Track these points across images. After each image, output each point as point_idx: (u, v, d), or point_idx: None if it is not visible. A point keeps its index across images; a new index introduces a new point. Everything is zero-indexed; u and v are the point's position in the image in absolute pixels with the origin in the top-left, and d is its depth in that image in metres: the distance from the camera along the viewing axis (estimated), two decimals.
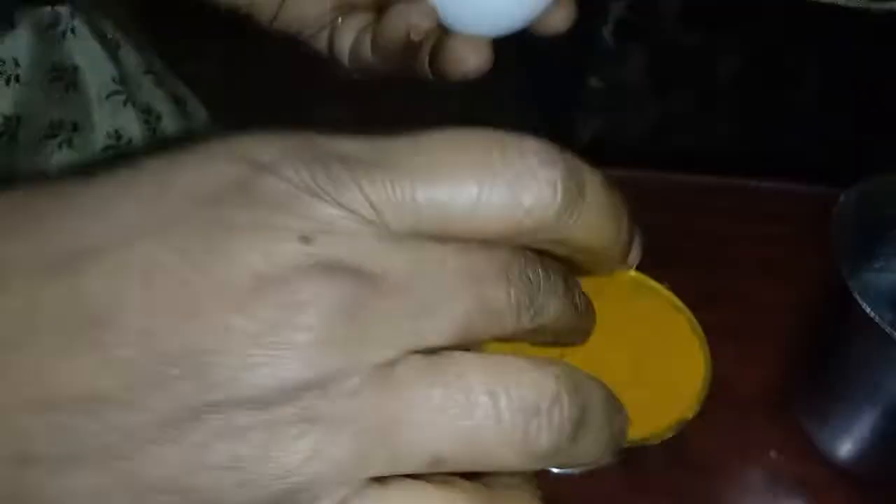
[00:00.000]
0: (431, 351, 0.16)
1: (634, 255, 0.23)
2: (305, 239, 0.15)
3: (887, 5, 1.07)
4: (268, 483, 0.14)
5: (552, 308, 0.19)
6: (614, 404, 0.19)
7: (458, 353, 0.16)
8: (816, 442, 0.34)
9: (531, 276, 0.17)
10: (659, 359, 0.32)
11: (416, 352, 0.15)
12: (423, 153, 0.16)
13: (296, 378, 0.15)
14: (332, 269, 0.15)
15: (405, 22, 0.26)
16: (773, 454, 0.34)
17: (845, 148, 1.23)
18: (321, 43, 0.28)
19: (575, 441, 0.16)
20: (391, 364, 0.15)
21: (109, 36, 0.47)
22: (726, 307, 0.41)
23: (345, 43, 0.27)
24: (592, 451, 0.17)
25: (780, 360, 0.38)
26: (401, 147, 0.17)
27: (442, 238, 0.16)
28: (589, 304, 0.22)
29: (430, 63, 0.28)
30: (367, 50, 0.27)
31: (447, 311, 0.16)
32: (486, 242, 0.17)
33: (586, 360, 0.32)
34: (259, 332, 0.15)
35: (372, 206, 0.16)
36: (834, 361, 0.32)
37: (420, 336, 0.15)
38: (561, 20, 0.28)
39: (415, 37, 0.26)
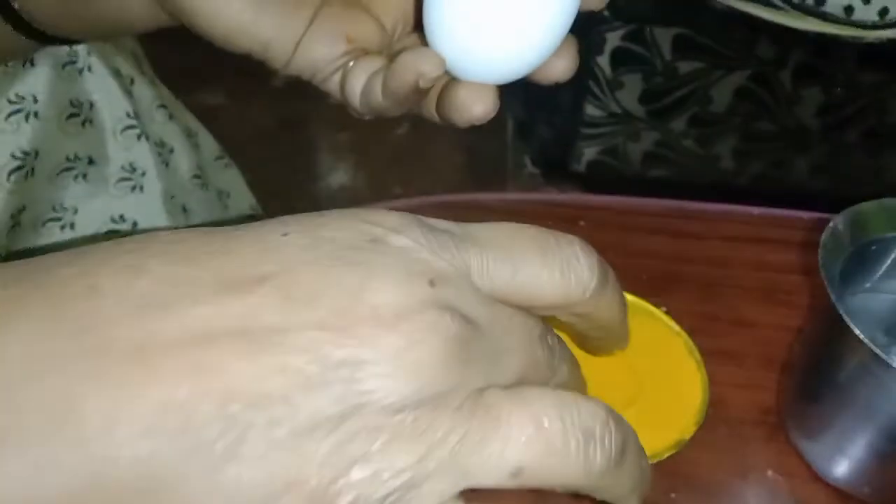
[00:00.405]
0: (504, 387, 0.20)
1: (625, 342, 0.29)
2: (432, 282, 0.19)
3: (883, 33, 1.09)
4: (387, 478, 0.17)
5: (565, 371, 0.24)
6: (642, 447, 0.22)
7: (527, 387, 0.20)
8: (813, 463, 0.35)
9: (552, 341, 0.23)
10: (657, 381, 0.33)
11: (497, 385, 0.19)
12: (501, 235, 0.22)
13: (416, 391, 0.18)
14: (449, 308, 0.19)
15: (414, 70, 0.27)
16: (770, 474, 0.35)
17: (845, 175, 1.25)
18: (333, 86, 0.29)
19: (620, 465, 0.20)
20: (482, 391, 0.19)
21: (124, 72, 0.48)
22: (724, 331, 0.42)
23: (356, 87, 0.29)
24: (631, 478, 0.21)
25: (778, 382, 0.39)
26: (481, 230, 0.22)
27: (506, 302, 0.21)
28: (582, 376, 0.27)
29: (437, 108, 0.29)
30: (377, 94, 0.28)
31: (514, 358, 0.21)
32: (527, 310, 0.22)
33: (591, 382, 0.33)
34: (394, 350, 0.18)
35: (466, 268, 0.20)
36: (828, 384, 0.33)
37: (499, 373, 0.20)
38: (561, 70, 0.29)
39: (423, 84, 0.27)
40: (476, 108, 0.28)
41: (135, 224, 0.47)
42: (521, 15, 0.26)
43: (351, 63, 0.29)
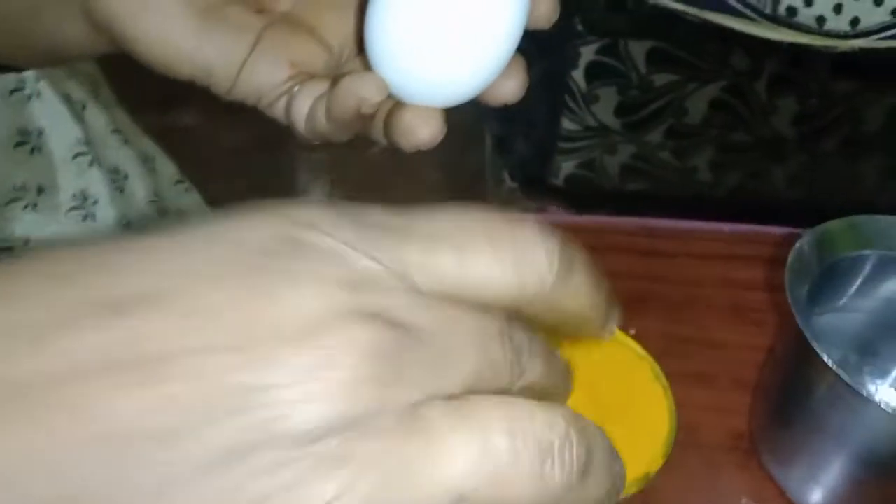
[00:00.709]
0: (449, 398, 0.17)
1: (612, 325, 0.25)
2: (349, 288, 0.16)
3: (855, 42, 1.10)
4: None
5: (537, 368, 0.20)
6: (613, 450, 0.20)
7: (474, 397, 0.17)
8: (788, 489, 0.34)
9: (519, 339, 0.19)
10: (623, 409, 0.32)
11: (437, 397, 0.17)
12: (444, 225, 0.19)
13: (338, 415, 0.15)
14: (373, 316, 0.16)
15: (355, 95, 0.26)
16: (744, 501, 0.34)
17: (821, 187, 1.25)
18: (278, 111, 0.28)
19: (584, 480, 0.18)
20: (417, 407, 0.16)
21: (75, 97, 0.47)
22: (696, 353, 0.41)
23: (301, 111, 0.27)
24: (598, 491, 0.19)
25: (750, 405, 0.38)
26: (423, 219, 0.19)
27: (455, 298, 0.18)
28: (567, 367, 0.24)
29: (384, 132, 0.28)
30: (322, 119, 0.27)
31: (462, 364, 0.18)
32: (486, 306, 0.19)
33: None
34: (306, 370, 0.16)
35: (403, 265, 0.18)
36: (799, 409, 0.32)
37: (441, 383, 0.17)
38: (510, 91, 0.28)
39: (365, 110, 0.26)
40: (421, 132, 0.26)
41: None
42: (464, 37, 0.25)
43: (296, 88, 0.28)
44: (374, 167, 1.52)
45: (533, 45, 1.07)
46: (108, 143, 0.48)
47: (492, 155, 1.39)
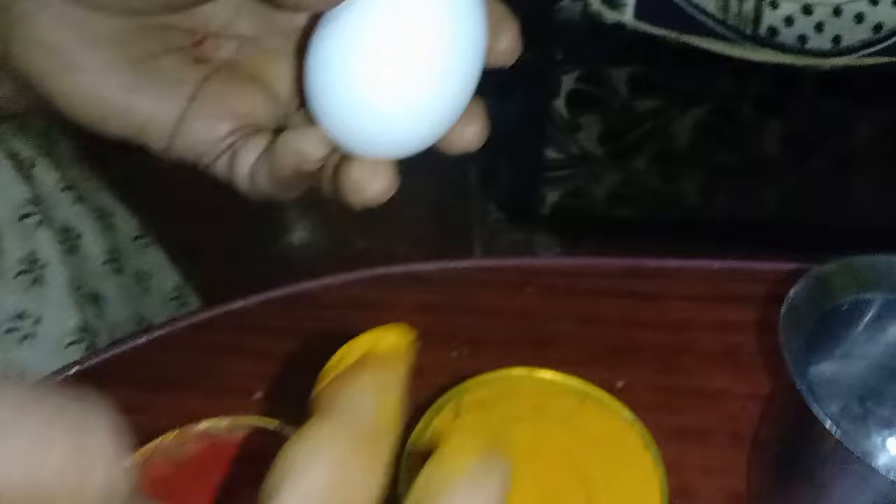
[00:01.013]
0: None
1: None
2: None
3: (839, 60, 1.08)
4: None
5: None
6: None
7: None
8: None
9: None
10: (612, 484, 0.29)
11: None
12: None
13: None
14: None
15: (295, 151, 0.23)
16: None
17: (813, 206, 1.23)
18: (221, 169, 0.25)
19: None
20: None
21: (24, 155, 0.44)
22: (688, 406, 0.38)
23: (243, 169, 0.25)
24: None
25: (747, 463, 0.35)
26: None
27: None
28: None
29: (332, 187, 0.25)
30: (264, 177, 0.25)
31: None
32: None
33: (535, 485, 0.29)
34: None
35: None
36: (798, 469, 0.29)
37: None
38: (470, 138, 0.25)
39: (306, 167, 0.23)
40: (370, 187, 0.24)
41: (38, 320, 0.43)
42: (415, 83, 0.23)
43: (238, 143, 0.25)
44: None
45: (513, 75, 1.03)
46: (60, 202, 0.46)
47: (477, 186, 1.37)
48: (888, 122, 1.16)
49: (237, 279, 0.49)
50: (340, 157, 0.25)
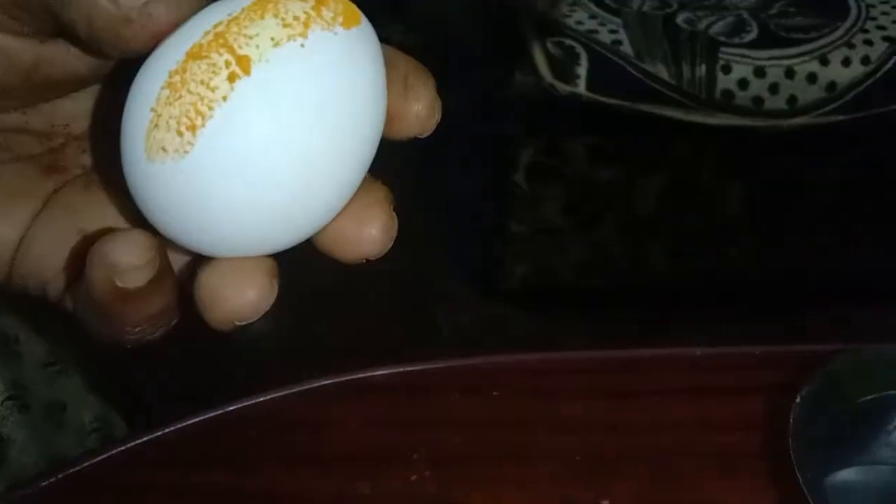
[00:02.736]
0: None
1: None
2: None
3: (797, 121, 1.08)
4: None
5: None
6: None
7: None
8: None
9: None
10: None
11: None
12: None
13: None
14: None
15: (105, 265, 0.17)
16: None
17: (782, 264, 1.21)
18: (69, 304, 0.20)
19: None
20: None
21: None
22: None
23: (81, 310, 0.19)
24: None
25: None
26: None
27: None
28: None
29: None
30: (86, 310, 0.18)
31: None
32: None
33: None
34: None
35: None
36: None
37: None
38: (372, 238, 0.19)
39: (124, 283, 0.17)
40: (233, 302, 0.18)
41: None
42: (291, 170, 0.17)
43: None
44: (322, 285, 1.45)
45: (472, 151, 1.01)
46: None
47: (443, 264, 1.34)
48: (849, 177, 1.16)
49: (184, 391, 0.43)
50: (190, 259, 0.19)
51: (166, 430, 0.36)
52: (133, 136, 0.16)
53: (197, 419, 0.37)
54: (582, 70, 1.02)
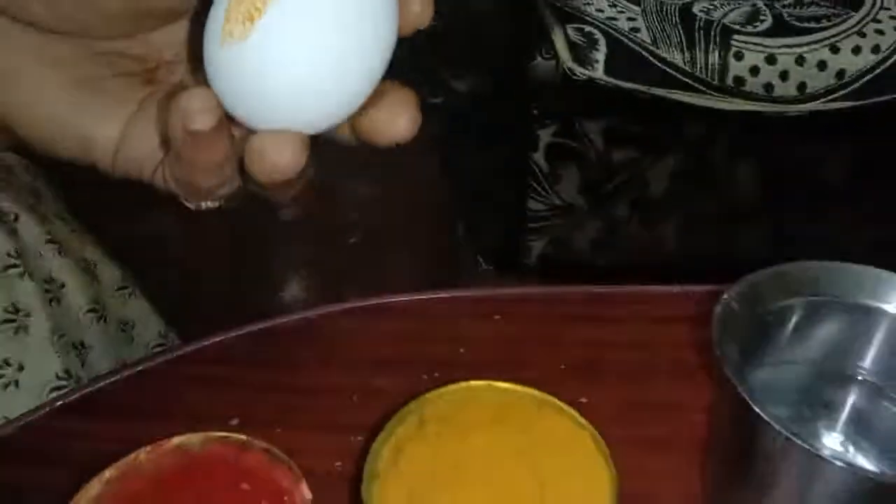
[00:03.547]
0: None
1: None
2: None
3: (805, 107, 1.12)
4: None
5: None
6: None
7: None
8: None
9: None
10: (565, 480, 0.30)
11: None
12: None
13: None
14: None
15: (180, 112, 0.22)
16: None
17: (791, 246, 1.26)
18: (159, 180, 0.26)
19: None
20: None
21: (6, 209, 0.46)
22: (649, 419, 0.40)
23: (168, 170, 0.26)
24: None
25: (701, 469, 0.36)
26: None
27: None
28: None
29: (244, 167, 0.24)
30: (171, 160, 0.25)
31: None
32: None
33: (492, 487, 0.30)
34: None
35: None
36: (750, 470, 0.30)
37: None
38: (401, 126, 0.25)
39: (195, 126, 0.22)
40: (272, 157, 0.23)
41: (21, 367, 0.44)
42: (321, 53, 0.22)
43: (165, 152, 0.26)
44: (349, 258, 1.52)
45: (493, 131, 1.08)
46: (43, 254, 0.48)
47: (464, 240, 1.40)
48: (858, 160, 1.19)
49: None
50: (248, 133, 0.24)
51: (221, 338, 0.43)
52: (212, 31, 0.23)
53: (251, 329, 0.44)
54: (600, 55, 1.07)
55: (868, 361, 0.31)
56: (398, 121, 0.25)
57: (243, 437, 0.31)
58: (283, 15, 0.22)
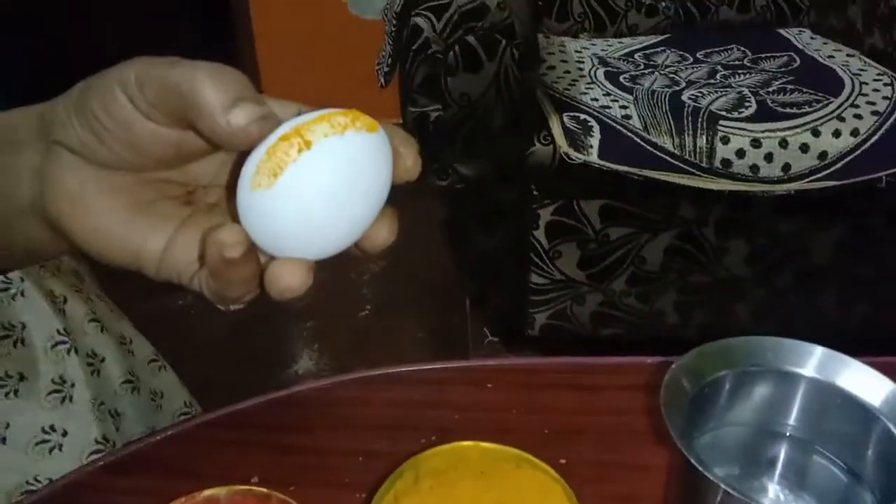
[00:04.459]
0: None
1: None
2: None
3: (790, 186, 1.18)
4: None
5: None
6: None
7: None
8: None
9: None
10: None
11: None
12: None
13: None
14: None
15: (216, 242, 0.28)
16: None
17: (785, 317, 1.30)
18: (195, 285, 0.32)
19: None
20: None
21: (57, 292, 0.53)
22: (622, 478, 0.44)
23: (203, 283, 0.31)
24: None
25: None
26: None
27: None
28: None
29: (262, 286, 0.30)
30: (205, 276, 0.30)
31: None
32: None
33: None
34: None
35: None
36: None
37: None
38: (383, 239, 0.31)
39: (227, 254, 0.28)
40: (285, 280, 0.29)
41: (65, 433, 0.50)
42: (332, 203, 0.29)
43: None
44: (360, 332, 1.57)
45: (496, 211, 1.14)
46: (87, 331, 0.54)
47: (470, 313, 1.45)
48: (843, 238, 1.25)
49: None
50: (268, 259, 0.30)
51: (244, 405, 0.49)
52: (245, 178, 0.29)
53: (266, 398, 0.49)
54: (594, 140, 1.15)
55: (793, 419, 0.36)
56: (381, 233, 0.31)
57: (264, 489, 0.36)
58: (302, 172, 0.28)
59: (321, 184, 0.29)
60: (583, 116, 1.18)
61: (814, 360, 0.36)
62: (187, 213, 0.32)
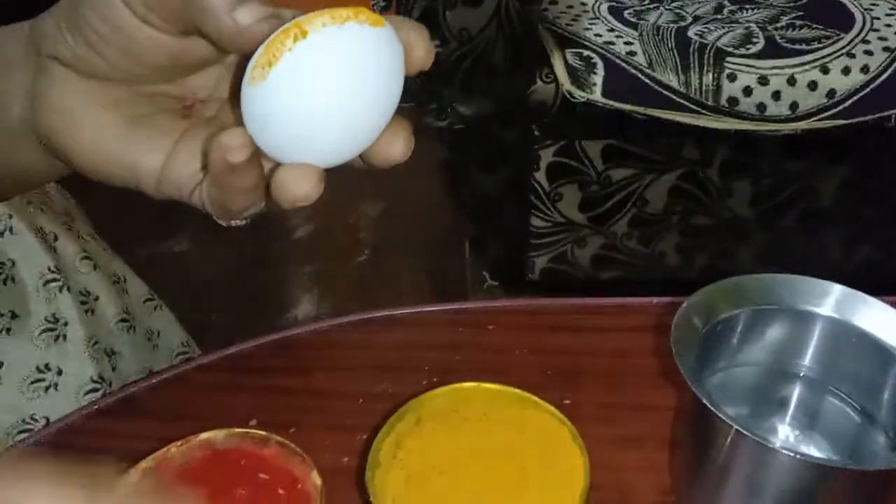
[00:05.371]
0: None
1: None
2: None
3: (797, 125, 1.16)
4: None
5: None
6: None
7: None
8: None
9: None
10: (544, 467, 0.34)
11: None
12: None
13: None
14: None
15: (220, 145, 0.27)
16: None
17: (789, 258, 1.29)
18: (196, 200, 0.30)
19: None
20: None
21: (47, 229, 0.51)
22: (626, 418, 0.44)
23: (206, 194, 0.30)
24: None
25: (669, 462, 0.40)
26: None
27: None
28: None
29: (269, 194, 0.28)
30: (208, 185, 0.29)
31: None
32: None
33: (480, 473, 0.34)
34: None
35: None
36: (710, 463, 0.34)
37: None
38: (397, 152, 0.29)
39: (231, 159, 0.26)
40: (294, 188, 0.27)
41: (60, 372, 0.49)
42: (340, 100, 0.26)
43: (202, 174, 0.30)
44: (359, 277, 1.57)
45: (496, 153, 1.12)
46: (79, 269, 0.52)
47: (470, 257, 1.44)
48: (850, 178, 1.23)
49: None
50: (273, 165, 0.28)
51: (242, 348, 0.48)
52: (245, 76, 0.27)
53: (263, 340, 0.48)
54: (598, 78, 1.12)
55: (808, 360, 0.35)
56: (395, 146, 0.29)
57: (262, 432, 0.35)
58: (299, 62, 0.26)
59: (319, 76, 0.26)
60: (586, 53, 1.15)
61: (831, 299, 0.35)
62: (185, 126, 0.31)
